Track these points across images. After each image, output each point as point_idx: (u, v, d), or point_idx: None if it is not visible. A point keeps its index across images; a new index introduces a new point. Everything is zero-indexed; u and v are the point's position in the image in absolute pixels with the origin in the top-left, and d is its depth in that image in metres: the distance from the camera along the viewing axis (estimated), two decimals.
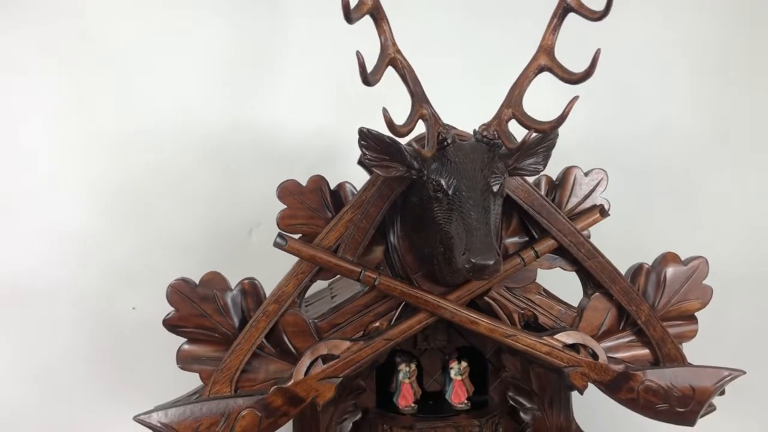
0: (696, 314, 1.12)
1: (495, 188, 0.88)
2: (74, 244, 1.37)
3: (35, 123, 1.36)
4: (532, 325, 1.09)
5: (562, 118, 0.83)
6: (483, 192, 0.87)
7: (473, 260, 0.82)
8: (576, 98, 0.82)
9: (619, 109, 1.48)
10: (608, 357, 1.07)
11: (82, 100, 1.38)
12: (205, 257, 1.09)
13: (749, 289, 1.52)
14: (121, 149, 1.39)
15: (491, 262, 0.82)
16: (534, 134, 0.87)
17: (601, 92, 1.48)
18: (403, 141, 0.91)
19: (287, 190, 1.02)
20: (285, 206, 1.02)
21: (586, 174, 1.09)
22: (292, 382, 1.00)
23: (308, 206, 1.03)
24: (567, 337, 1.06)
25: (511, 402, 1.20)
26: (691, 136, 1.51)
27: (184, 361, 1.02)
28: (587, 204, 1.09)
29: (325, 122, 0.97)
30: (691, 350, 1.10)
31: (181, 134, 1.40)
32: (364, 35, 0.87)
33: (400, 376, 1.17)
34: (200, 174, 1.41)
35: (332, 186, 1.04)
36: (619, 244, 1.13)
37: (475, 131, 0.91)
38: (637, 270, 1.11)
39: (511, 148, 0.87)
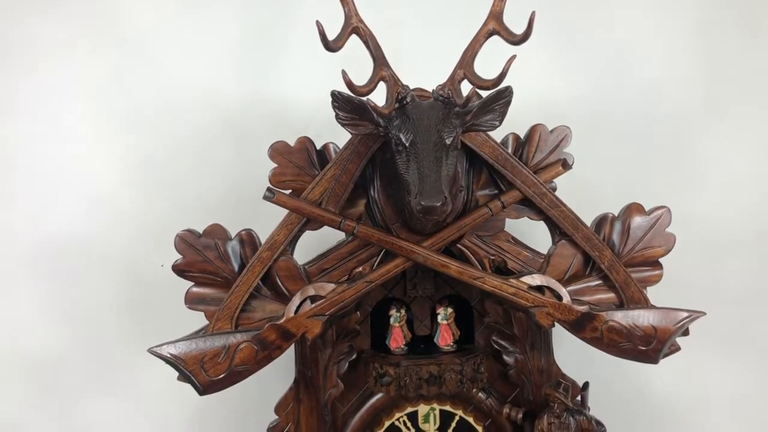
0: (660, 260, 1.19)
1: (448, 141, 0.99)
2: (108, 208, 1.55)
3: (72, 99, 1.54)
4: (502, 270, 1.19)
5: (502, 76, 0.93)
6: (436, 144, 0.98)
7: (422, 203, 0.94)
8: (513, 57, 0.92)
9: (611, 72, 1.54)
10: (574, 299, 1.16)
11: (113, 78, 1.54)
12: (225, 219, 1.22)
13: (742, 247, 1.56)
14: (148, 122, 1.55)
15: (438, 204, 0.93)
16: (475, 90, 0.96)
17: (593, 56, 1.55)
18: None
19: (277, 150, 1.15)
20: (276, 165, 1.15)
21: (551, 131, 1.17)
22: (284, 319, 1.14)
23: (296, 164, 1.15)
24: (532, 280, 1.15)
25: (495, 345, 1.30)
26: (684, 98, 1.55)
27: (191, 301, 1.17)
28: (552, 158, 1.17)
29: (327, 95, 1.08)
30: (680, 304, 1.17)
31: (202, 108, 1.56)
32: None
33: (391, 320, 1.28)
34: (219, 144, 1.57)
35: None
36: (613, 205, 1.20)
37: (432, 91, 1.02)
38: (602, 219, 1.19)
39: (459, 104, 0.97)
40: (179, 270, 1.15)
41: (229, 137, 1.57)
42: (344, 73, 0.93)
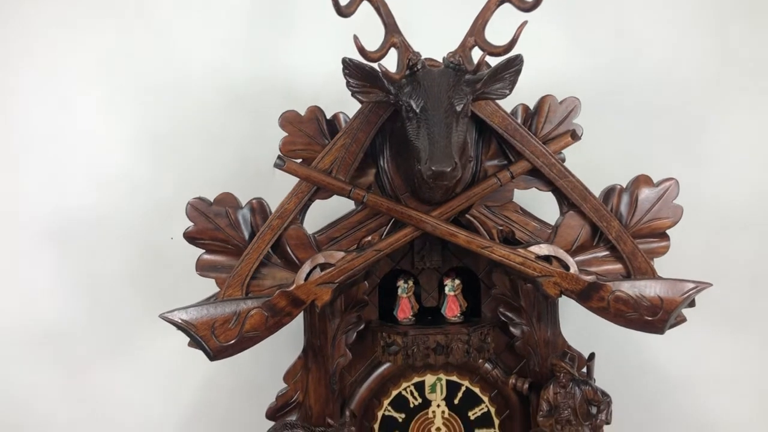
0: (668, 234, 1.20)
1: (458, 108, 1.00)
2: (119, 181, 1.56)
3: (83, 75, 1.55)
4: (510, 240, 1.20)
5: (513, 42, 0.94)
6: (447, 111, 0.99)
7: (433, 168, 0.95)
8: (525, 23, 0.93)
9: (621, 48, 1.54)
10: (581, 269, 1.17)
11: (124, 52, 1.55)
12: (234, 192, 1.23)
13: (750, 225, 1.57)
14: (159, 96, 1.56)
15: (448, 169, 0.94)
16: (488, 56, 0.97)
17: (601, 34, 1.55)
18: None
19: (287, 119, 1.16)
20: (286, 134, 1.16)
21: (560, 102, 1.18)
22: (294, 286, 1.15)
23: (306, 133, 1.16)
24: (539, 250, 1.16)
25: (501, 317, 1.31)
26: (694, 76, 1.55)
27: (203, 268, 1.18)
28: (561, 129, 1.18)
29: (336, 68, 1.09)
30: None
31: (211, 82, 1.56)
32: None
33: (399, 291, 1.30)
34: (228, 119, 1.58)
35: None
36: (621, 180, 1.21)
37: (443, 58, 1.03)
38: (610, 190, 1.20)
39: (470, 70, 0.98)
40: (190, 237, 1.17)
41: (238, 111, 1.58)
42: (356, 38, 0.94)
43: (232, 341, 1.13)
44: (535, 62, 1.14)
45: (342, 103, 1.22)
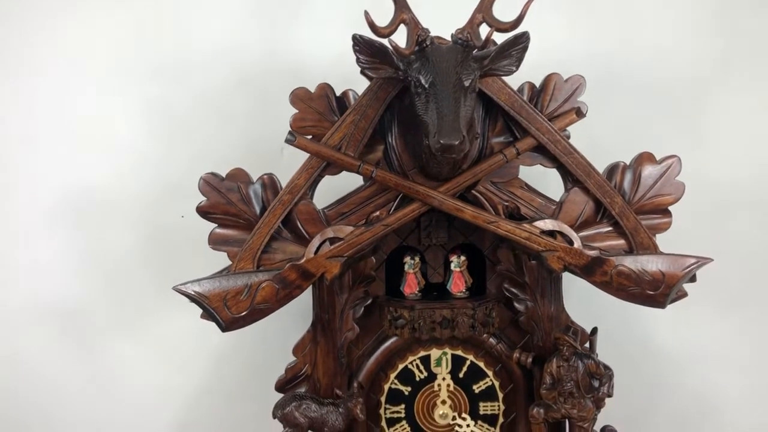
0: (670, 208, 1.22)
1: (466, 83, 1.02)
2: (130, 160, 1.59)
3: (95, 52, 1.58)
4: (515, 216, 1.22)
5: (520, 18, 0.96)
6: (455, 86, 1.01)
7: (441, 141, 0.97)
8: (531, 1, 0.95)
9: (620, 32, 1.56)
10: (585, 244, 1.19)
11: (135, 30, 1.57)
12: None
13: (753, 204, 1.59)
14: (170, 78, 1.58)
15: (456, 142, 0.97)
16: (495, 32, 0.99)
17: (604, 14, 1.57)
18: None
19: (297, 96, 1.18)
20: (296, 110, 1.18)
21: (565, 80, 1.20)
22: (304, 259, 1.18)
23: (316, 110, 1.19)
24: (544, 225, 1.19)
25: (506, 293, 1.34)
26: (698, 56, 1.57)
27: (215, 242, 1.21)
28: (566, 107, 1.20)
29: (345, 50, 1.11)
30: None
31: (221, 63, 1.58)
32: None
33: (406, 266, 1.32)
34: (237, 98, 1.60)
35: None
36: (626, 158, 1.23)
37: (452, 35, 1.05)
38: (614, 167, 1.22)
39: (478, 46, 1.00)
40: (203, 211, 1.19)
41: (248, 90, 1.60)
42: (367, 14, 0.96)
43: (244, 313, 1.16)
44: (541, 41, 1.16)
45: (350, 82, 1.24)
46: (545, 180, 1.30)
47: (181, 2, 1.58)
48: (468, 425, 1.36)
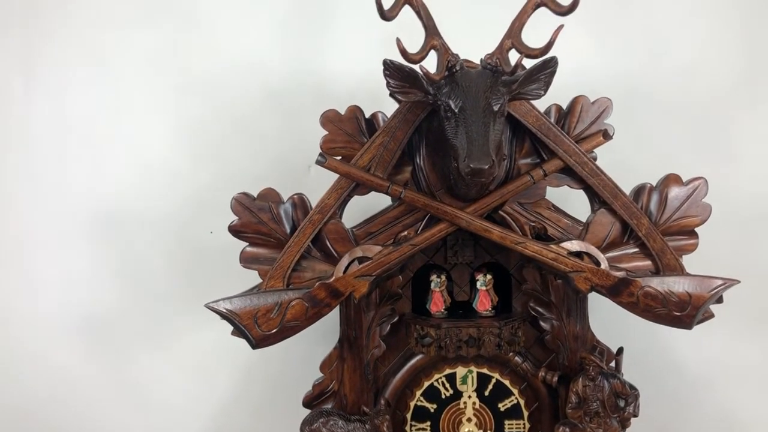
0: (696, 230, 1.23)
1: (495, 108, 1.04)
2: (159, 175, 1.62)
3: (126, 67, 1.62)
4: (542, 237, 1.23)
5: (549, 45, 0.98)
6: (485, 110, 1.03)
7: (471, 165, 0.99)
8: (561, 27, 0.97)
9: (646, 52, 1.57)
10: (611, 265, 1.20)
11: (166, 47, 1.62)
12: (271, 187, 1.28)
13: None
14: (199, 94, 1.62)
15: (486, 166, 0.99)
16: (524, 58, 1.01)
17: (629, 35, 1.58)
18: None
19: (328, 118, 1.21)
20: (326, 132, 1.21)
21: (592, 102, 1.21)
22: (333, 278, 1.20)
23: (346, 132, 1.21)
24: (571, 246, 1.20)
25: (531, 312, 1.35)
26: (721, 75, 1.58)
27: (246, 260, 1.23)
28: (593, 129, 1.21)
29: (373, 67, 1.14)
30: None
31: (249, 81, 1.62)
32: None
33: (432, 285, 1.34)
34: (265, 116, 1.63)
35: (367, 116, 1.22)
36: (651, 179, 1.24)
37: (481, 60, 1.07)
38: (640, 189, 1.23)
39: (507, 72, 1.02)
40: (235, 231, 1.22)
41: (276, 107, 1.64)
42: (398, 41, 0.99)
43: (274, 330, 1.18)
44: (567, 62, 1.17)
45: (377, 99, 1.26)
46: (571, 199, 1.31)
47: (211, 21, 1.61)
48: None
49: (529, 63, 1.10)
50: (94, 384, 1.65)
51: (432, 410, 1.37)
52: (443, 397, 1.37)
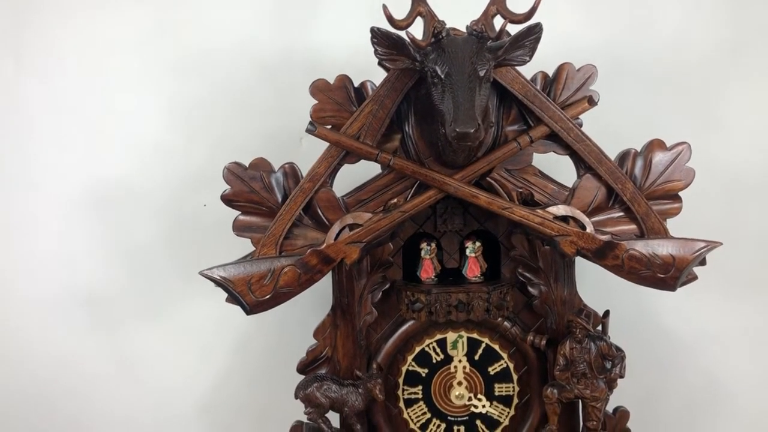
0: (680, 194, 1.25)
1: (481, 73, 1.06)
2: (153, 152, 1.64)
3: (118, 47, 1.63)
4: (529, 202, 1.25)
5: (533, 10, 0.99)
6: (470, 76, 1.05)
7: (457, 129, 1.01)
8: None
9: (632, 20, 1.58)
10: (597, 229, 1.23)
11: (157, 25, 1.62)
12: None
13: (764, 191, 1.61)
14: (191, 70, 1.63)
15: (472, 130, 1.01)
16: (508, 24, 1.03)
17: (614, 4, 1.60)
18: None
19: (317, 87, 1.22)
20: (316, 101, 1.22)
21: (578, 69, 1.23)
22: (324, 245, 1.22)
23: (335, 101, 1.22)
24: (557, 210, 1.22)
25: (520, 278, 1.38)
26: (709, 43, 1.59)
27: (239, 229, 1.25)
28: (578, 96, 1.23)
29: (362, 41, 1.15)
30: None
31: (241, 57, 1.63)
32: None
33: (422, 252, 1.36)
34: (256, 91, 1.64)
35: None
36: (637, 144, 1.25)
37: (467, 26, 1.09)
38: (625, 154, 1.25)
39: (492, 38, 1.04)
40: (227, 199, 1.24)
41: (267, 82, 1.64)
42: (385, 7, 1.00)
43: (267, 296, 1.20)
44: (553, 30, 1.19)
45: (367, 73, 1.28)
46: (557, 166, 1.33)
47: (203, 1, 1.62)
48: (483, 406, 1.40)
49: (514, 30, 1.11)
50: (91, 359, 1.67)
51: (423, 375, 1.40)
52: (434, 361, 1.40)
